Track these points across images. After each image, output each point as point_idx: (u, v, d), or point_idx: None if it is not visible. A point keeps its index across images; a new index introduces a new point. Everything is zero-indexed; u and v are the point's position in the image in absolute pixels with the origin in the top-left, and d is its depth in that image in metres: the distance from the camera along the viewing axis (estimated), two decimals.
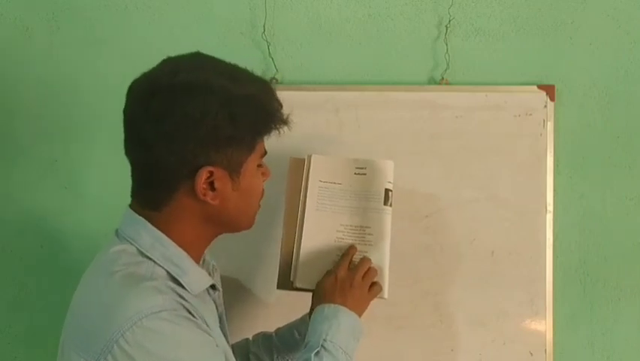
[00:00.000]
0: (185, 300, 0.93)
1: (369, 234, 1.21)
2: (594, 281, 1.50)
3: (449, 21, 1.49)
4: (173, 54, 1.49)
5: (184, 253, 0.99)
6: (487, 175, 1.47)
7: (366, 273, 1.16)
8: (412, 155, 1.47)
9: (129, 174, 1.50)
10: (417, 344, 1.48)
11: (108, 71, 1.51)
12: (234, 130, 0.96)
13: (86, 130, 1.51)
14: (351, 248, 1.19)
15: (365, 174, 1.24)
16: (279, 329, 1.31)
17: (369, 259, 1.18)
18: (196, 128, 0.94)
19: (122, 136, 1.51)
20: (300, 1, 1.50)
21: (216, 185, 0.97)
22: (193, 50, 1.48)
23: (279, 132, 1.04)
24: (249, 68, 1.02)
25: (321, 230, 1.21)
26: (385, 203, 1.22)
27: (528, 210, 1.47)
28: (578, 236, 1.50)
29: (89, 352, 0.88)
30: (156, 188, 0.98)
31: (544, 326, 1.46)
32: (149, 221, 0.99)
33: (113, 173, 1.51)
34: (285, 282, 1.21)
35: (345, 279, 1.14)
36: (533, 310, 1.46)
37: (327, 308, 1.10)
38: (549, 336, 1.46)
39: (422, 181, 1.47)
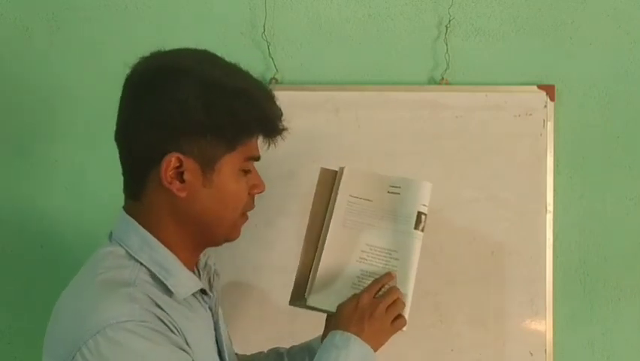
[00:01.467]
0: (163, 309, 0.89)
1: (394, 258, 1.12)
2: (594, 281, 1.50)
3: (449, 21, 1.49)
4: None
5: (171, 255, 0.95)
6: (487, 175, 1.47)
7: (392, 304, 1.06)
8: (412, 155, 1.47)
9: None
10: (417, 344, 1.47)
11: (108, 71, 1.50)
12: (208, 120, 0.91)
13: (86, 130, 1.51)
14: (386, 276, 1.09)
15: (399, 194, 1.15)
16: (292, 347, 1.25)
17: (398, 290, 1.08)
18: (166, 112, 0.91)
19: None
20: (300, 1, 1.50)
21: (185, 176, 0.92)
22: None
23: (270, 141, 1.00)
24: (249, 69, 1.01)
25: (343, 248, 1.13)
26: (416, 227, 1.13)
27: (528, 210, 1.47)
28: (578, 236, 1.50)
29: (56, 357, 0.86)
30: (132, 174, 0.97)
31: (544, 326, 1.46)
32: (134, 215, 0.96)
33: (113, 173, 1.50)
34: (299, 298, 1.14)
35: (367, 307, 1.04)
36: (533, 310, 1.46)
37: (340, 336, 1.02)
38: (549, 336, 1.46)
39: None
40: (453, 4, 1.48)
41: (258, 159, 1.01)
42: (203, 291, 1.01)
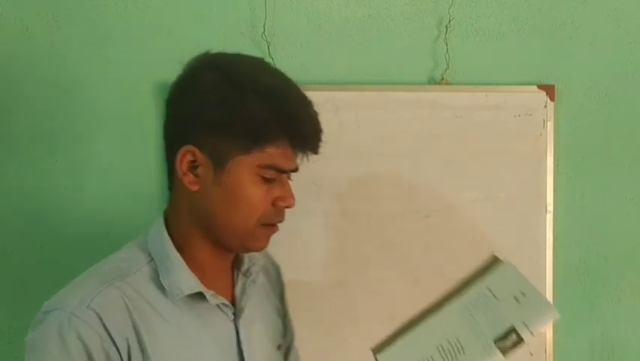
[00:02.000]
0: (131, 314, 0.88)
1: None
2: (594, 281, 1.50)
3: (449, 21, 1.49)
4: (173, 54, 1.50)
5: (174, 253, 0.94)
6: (487, 175, 1.47)
7: None
8: (412, 155, 1.47)
9: (129, 173, 1.51)
10: None
11: (108, 71, 1.51)
12: (221, 118, 0.90)
13: (86, 130, 1.51)
14: None
15: (519, 303, 1.01)
16: None
17: None
18: (188, 106, 0.92)
19: (122, 135, 1.52)
20: (300, 1, 1.50)
21: (199, 171, 0.92)
22: (193, 50, 1.48)
23: (302, 152, 0.95)
24: None
25: (440, 329, 1.04)
26: (499, 342, 0.97)
27: (528, 210, 1.47)
28: (578, 236, 1.50)
29: None
30: (167, 166, 0.98)
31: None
32: (168, 208, 0.98)
33: (113, 173, 1.51)
34: (379, 347, 1.07)
35: None
36: None
37: None
38: (549, 336, 1.46)
39: (422, 181, 1.47)
40: (453, 4, 1.48)
41: (283, 170, 0.94)
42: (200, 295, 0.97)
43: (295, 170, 0.97)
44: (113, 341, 0.87)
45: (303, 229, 1.47)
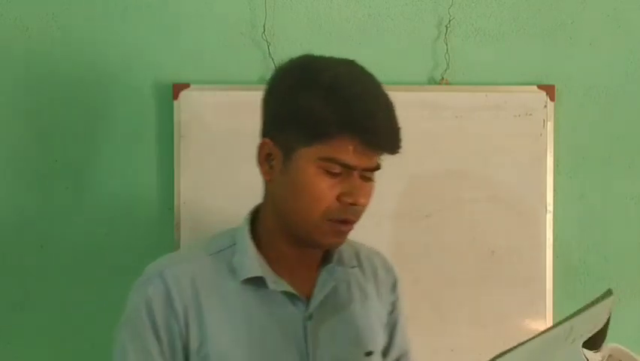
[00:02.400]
0: (197, 290, 0.97)
1: None
2: (594, 281, 1.50)
3: (449, 21, 1.49)
4: (173, 54, 1.51)
5: (249, 240, 1.00)
6: (487, 175, 1.47)
7: None
8: (412, 155, 1.47)
9: (129, 173, 1.51)
10: (417, 344, 1.47)
11: (108, 71, 1.50)
12: (287, 110, 0.95)
13: (86, 130, 1.51)
14: None
15: (571, 345, 0.89)
16: None
17: None
18: (269, 99, 0.99)
19: (122, 135, 1.52)
20: (300, 1, 1.50)
21: (273, 162, 0.97)
22: (193, 50, 1.50)
23: (374, 149, 0.95)
24: (248, 69, 1.02)
25: None
26: None
27: (528, 210, 1.47)
28: (577, 236, 1.50)
29: None
30: None
31: (544, 325, 1.46)
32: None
33: (113, 173, 1.51)
34: None
35: None
36: (533, 310, 1.46)
37: None
38: None
39: (422, 181, 1.47)
40: (453, 4, 1.48)
41: (348, 165, 0.93)
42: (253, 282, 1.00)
43: (369, 169, 0.97)
44: (172, 306, 0.97)
45: None
